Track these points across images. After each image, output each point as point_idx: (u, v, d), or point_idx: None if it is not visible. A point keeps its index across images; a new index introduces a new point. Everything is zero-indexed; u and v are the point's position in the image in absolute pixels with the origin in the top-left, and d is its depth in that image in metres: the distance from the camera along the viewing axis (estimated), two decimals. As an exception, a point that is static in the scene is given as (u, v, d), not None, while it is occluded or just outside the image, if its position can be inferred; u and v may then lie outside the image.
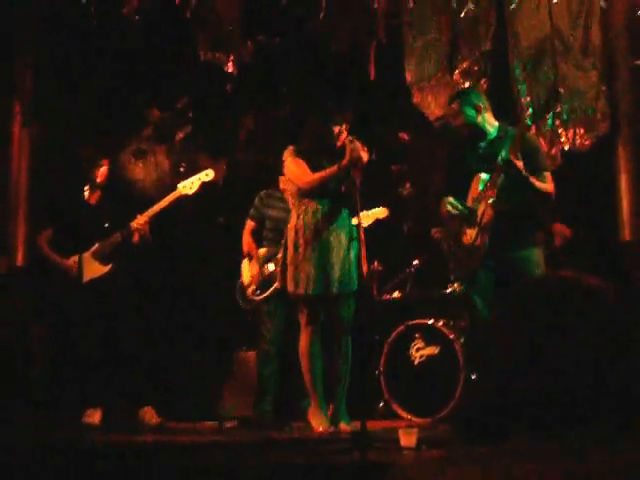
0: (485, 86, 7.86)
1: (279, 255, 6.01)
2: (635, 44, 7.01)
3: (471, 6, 6.15)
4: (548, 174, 5.58)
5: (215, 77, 7.86)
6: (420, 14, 7.73)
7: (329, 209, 5.69)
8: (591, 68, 7.51)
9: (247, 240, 6.79)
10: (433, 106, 7.93)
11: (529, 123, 5.54)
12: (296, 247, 5.72)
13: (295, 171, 5.76)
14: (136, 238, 6.68)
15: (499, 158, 5.39)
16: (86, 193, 6.64)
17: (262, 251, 6.71)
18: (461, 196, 5.65)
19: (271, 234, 6.72)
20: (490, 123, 5.68)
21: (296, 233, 5.74)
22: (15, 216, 7.86)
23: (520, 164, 5.34)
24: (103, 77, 7.82)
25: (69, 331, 7.00)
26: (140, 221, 6.61)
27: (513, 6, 6.56)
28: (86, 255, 6.65)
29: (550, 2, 7.24)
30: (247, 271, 6.75)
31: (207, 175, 6.78)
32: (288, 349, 6.49)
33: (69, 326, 6.98)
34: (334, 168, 5.61)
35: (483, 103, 5.69)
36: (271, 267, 6.60)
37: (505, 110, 7.72)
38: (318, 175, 5.67)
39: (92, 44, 7.48)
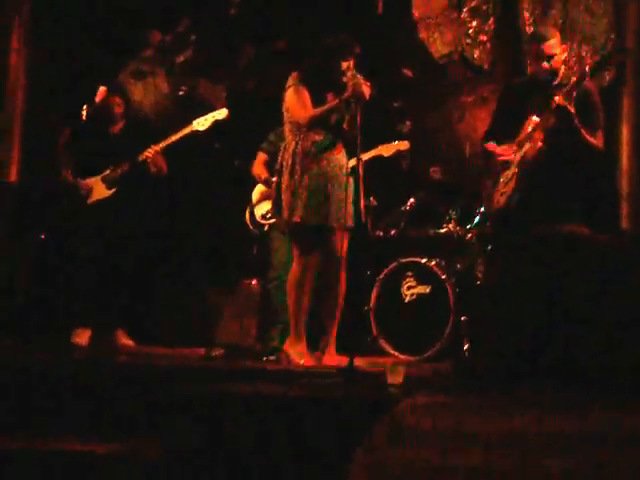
0: (493, 26, 7.77)
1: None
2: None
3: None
4: (600, 133, 5.42)
5: (219, 1, 7.74)
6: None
7: (329, 142, 5.62)
8: (602, 14, 7.41)
9: (261, 169, 6.72)
10: (439, 43, 7.83)
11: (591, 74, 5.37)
12: (292, 173, 5.63)
13: (295, 103, 5.63)
14: (153, 169, 6.71)
15: (554, 100, 5.26)
16: (84, 112, 6.58)
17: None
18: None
19: None
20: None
21: (293, 159, 5.63)
22: (10, 133, 7.79)
23: (573, 111, 5.20)
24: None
25: (62, 248, 7.06)
26: (150, 152, 6.65)
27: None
28: (96, 178, 6.78)
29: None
30: (260, 196, 6.72)
31: (220, 114, 6.79)
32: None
33: (63, 243, 7.05)
34: (335, 102, 5.53)
35: None
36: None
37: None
38: (318, 110, 5.56)
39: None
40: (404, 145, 6.83)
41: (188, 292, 7.56)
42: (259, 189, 6.75)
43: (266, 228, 6.64)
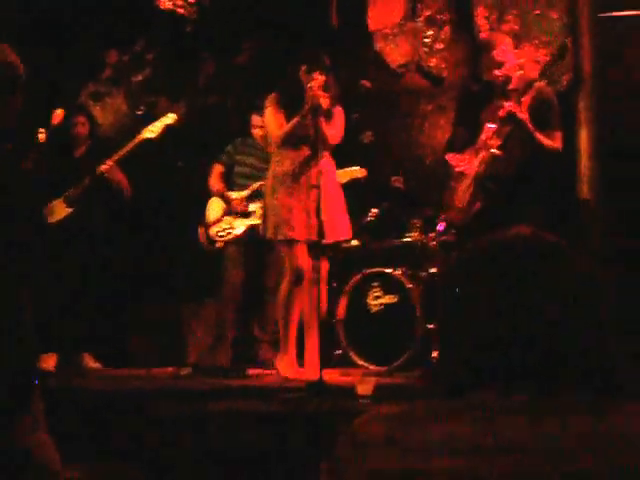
0: (449, 35, 7.82)
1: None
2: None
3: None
4: (559, 134, 5.43)
5: (175, 19, 7.72)
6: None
7: (306, 156, 5.67)
8: (556, 18, 7.48)
9: (217, 182, 6.77)
10: (395, 54, 7.86)
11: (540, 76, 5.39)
12: (274, 193, 5.72)
13: (270, 123, 5.85)
14: (112, 186, 6.70)
15: (504, 108, 5.29)
16: (40, 135, 6.52)
17: (233, 193, 6.69)
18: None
19: (241, 180, 6.73)
20: None
21: (274, 179, 5.77)
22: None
23: (524, 116, 5.23)
24: (60, 17, 7.64)
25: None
26: (106, 165, 6.61)
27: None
28: (58, 200, 6.77)
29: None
30: (214, 212, 6.71)
31: (169, 118, 6.77)
32: (246, 296, 6.55)
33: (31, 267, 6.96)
34: (296, 117, 5.61)
35: None
36: (252, 207, 6.57)
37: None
38: (287, 127, 5.68)
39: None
40: (361, 173, 6.85)
41: (155, 310, 7.51)
42: (213, 203, 6.75)
43: (218, 245, 6.64)
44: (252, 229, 6.53)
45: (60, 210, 6.75)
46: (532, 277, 1.70)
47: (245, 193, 6.66)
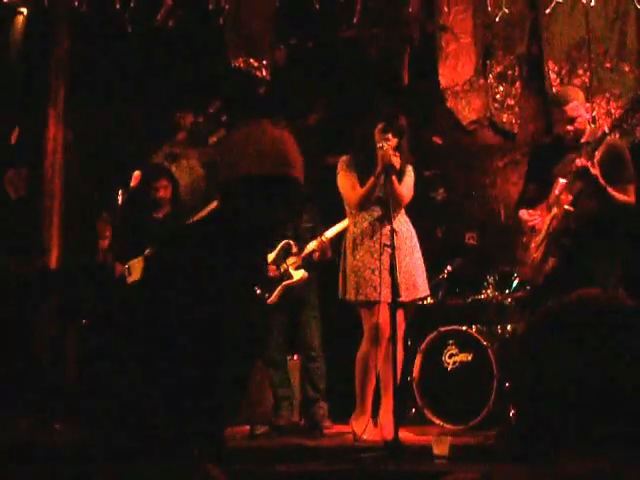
0: (520, 90, 7.83)
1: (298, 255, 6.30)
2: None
3: (506, 10, 6.08)
4: (631, 187, 5.37)
5: (248, 81, 7.86)
6: (454, 18, 7.70)
7: (380, 216, 5.71)
8: (628, 71, 7.44)
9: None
10: (467, 110, 7.89)
11: (611, 130, 5.34)
12: (355, 254, 5.77)
13: (345, 187, 5.91)
14: None
15: (575, 163, 5.26)
16: (119, 198, 6.66)
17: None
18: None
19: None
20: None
21: (353, 241, 5.84)
22: (49, 218, 7.88)
23: (596, 172, 5.18)
24: (137, 81, 7.83)
25: (105, 332, 7.07)
26: None
27: (548, 10, 6.46)
28: (138, 259, 6.76)
29: (586, 5, 7.17)
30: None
31: None
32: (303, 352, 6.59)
33: (102, 329, 7.06)
34: (371, 179, 5.66)
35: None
36: (297, 274, 6.58)
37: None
38: (361, 191, 5.75)
39: (126, 50, 7.50)
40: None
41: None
42: None
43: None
44: (287, 290, 6.58)
45: (139, 270, 6.80)
46: (605, 340, 1.69)
47: (272, 256, 6.66)
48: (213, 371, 2.88)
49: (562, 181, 5.38)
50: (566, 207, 5.30)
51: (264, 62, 7.84)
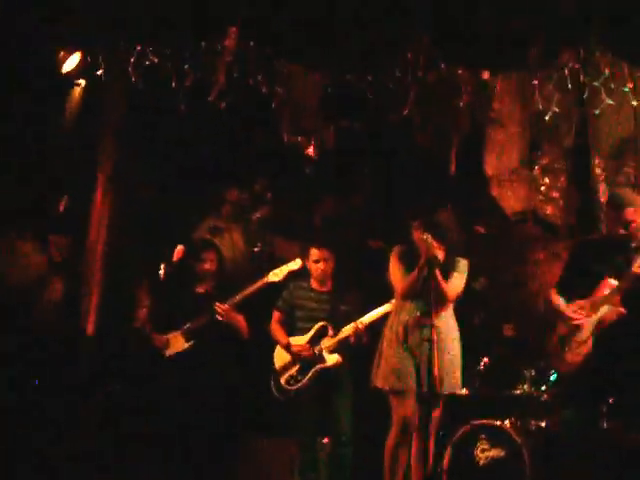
0: (565, 183, 7.82)
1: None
2: None
3: (556, 109, 6.12)
4: None
5: (295, 160, 7.93)
6: (503, 108, 7.73)
7: (423, 308, 5.70)
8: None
9: (277, 329, 6.80)
10: (512, 200, 7.89)
11: None
12: (390, 343, 5.76)
13: (394, 276, 5.94)
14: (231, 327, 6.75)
15: (634, 266, 5.29)
16: (161, 272, 6.71)
17: (296, 339, 6.69)
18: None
19: (303, 324, 6.73)
20: None
21: (390, 330, 5.85)
22: (90, 283, 7.94)
23: None
24: (185, 154, 7.94)
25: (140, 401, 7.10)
26: (223, 306, 6.67)
27: (597, 111, 6.49)
28: (176, 332, 6.81)
29: (637, 102, 7.18)
30: (281, 359, 6.72)
31: (295, 264, 6.82)
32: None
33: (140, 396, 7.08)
34: (415, 272, 5.67)
35: None
36: (331, 359, 6.57)
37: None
38: (406, 282, 5.74)
39: (176, 122, 7.61)
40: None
41: (258, 447, 7.48)
42: (280, 351, 6.75)
43: (292, 394, 6.62)
44: (320, 373, 6.56)
45: (178, 343, 6.81)
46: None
47: (307, 337, 6.65)
48: None
49: (612, 282, 5.38)
50: (620, 310, 5.31)
51: (312, 141, 7.91)
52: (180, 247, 6.77)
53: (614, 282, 5.42)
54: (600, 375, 5.44)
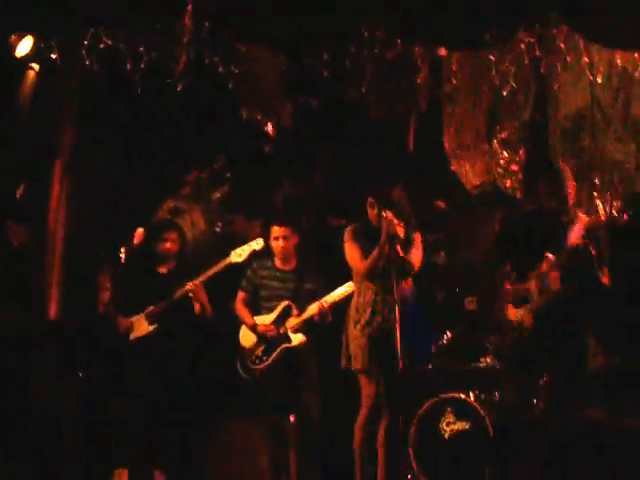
0: (523, 156, 7.87)
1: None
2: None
3: (513, 83, 6.14)
4: (606, 270, 5.55)
5: (254, 139, 7.89)
6: (460, 84, 7.75)
7: (385, 285, 5.69)
8: (631, 141, 7.49)
9: (245, 310, 6.78)
10: (471, 175, 7.92)
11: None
12: (356, 324, 5.77)
13: (351, 257, 5.92)
14: (196, 306, 6.74)
15: (570, 243, 5.40)
16: (122, 255, 6.65)
17: (261, 318, 6.69)
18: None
19: (267, 303, 6.73)
20: None
21: (356, 310, 5.84)
22: (50, 270, 7.87)
23: (595, 252, 5.33)
24: (142, 136, 7.87)
25: (105, 388, 7.08)
26: (191, 285, 6.65)
27: (554, 85, 6.52)
28: (141, 315, 6.79)
29: (592, 76, 7.23)
30: (246, 340, 6.72)
31: (257, 244, 6.79)
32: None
33: (105, 383, 7.06)
34: (376, 250, 5.65)
35: None
36: (297, 338, 6.58)
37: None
38: (368, 261, 5.73)
39: (132, 105, 7.54)
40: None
41: (222, 428, 7.49)
42: (245, 331, 6.76)
43: (258, 374, 6.63)
44: (285, 353, 6.59)
45: (141, 327, 6.78)
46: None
47: (272, 316, 6.66)
48: None
49: (550, 257, 5.49)
50: (558, 284, 5.43)
51: (271, 120, 7.88)
52: (140, 230, 6.70)
53: (551, 256, 5.53)
54: (537, 350, 5.60)
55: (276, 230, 6.67)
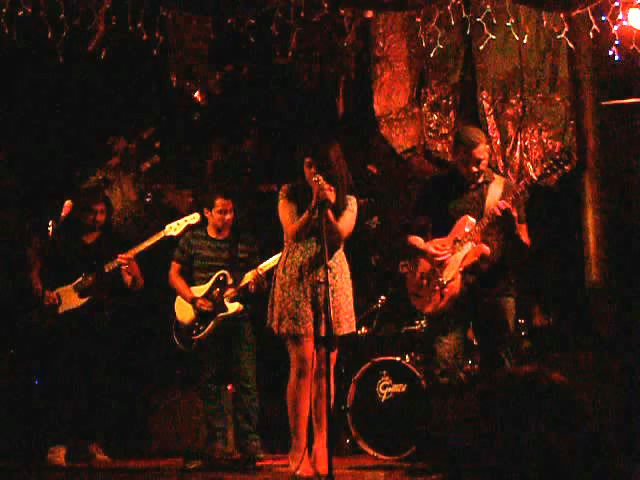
0: (453, 119, 7.89)
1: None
2: (601, 81, 7.00)
3: (440, 46, 6.13)
4: (525, 226, 5.64)
5: (183, 107, 7.80)
6: (388, 48, 7.73)
7: (316, 249, 5.62)
8: (559, 102, 7.54)
9: (181, 281, 6.70)
10: (401, 138, 7.93)
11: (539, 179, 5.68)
12: (283, 286, 5.67)
13: (283, 216, 5.75)
14: (127, 278, 6.67)
15: (493, 205, 5.45)
16: (50, 228, 6.53)
17: (196, 289, 6.63)
18: (440, 235, 5.70)
19: (201, 273, 6.66)
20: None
21: (284, 271, 5.71)
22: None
23: (515, 215, 5.40)
24: (69, 107, 7.73)
25: (35, 363, 7.01)
26: (124, 258, 6.58)
27: (482, 47, 6.53)
28: (69, 287, 6.70)
29: (519, 38, 7.25)
30: (182, 312, 6.66)
31: (193, 218, 6.72)
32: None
33: (37, 357, 6.98)
34: (305, 213, 5.56)
35: None
36: (232, 307, 6.54)
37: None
38: (296, 224, 5.62)
39: (57, 75, 7.39)
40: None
41: (161, 398, 7.45)
42: (180, 303, 6.71)
43: (194, 344, 6.58)
44: (221, 322, 6.56)
45: (70, 300, 6.70)
46: (534, 412, 1.75)
47: (207, 286, 6.61)
48: None
49: (471, 220, 5.53)
50: (484, 247, 5.50)
51: (199, 87, 7.79)
52: (68, 202, 6.57)
53: (473, 220, 5.57)
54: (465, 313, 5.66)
55: (221, 203, 6.59)
